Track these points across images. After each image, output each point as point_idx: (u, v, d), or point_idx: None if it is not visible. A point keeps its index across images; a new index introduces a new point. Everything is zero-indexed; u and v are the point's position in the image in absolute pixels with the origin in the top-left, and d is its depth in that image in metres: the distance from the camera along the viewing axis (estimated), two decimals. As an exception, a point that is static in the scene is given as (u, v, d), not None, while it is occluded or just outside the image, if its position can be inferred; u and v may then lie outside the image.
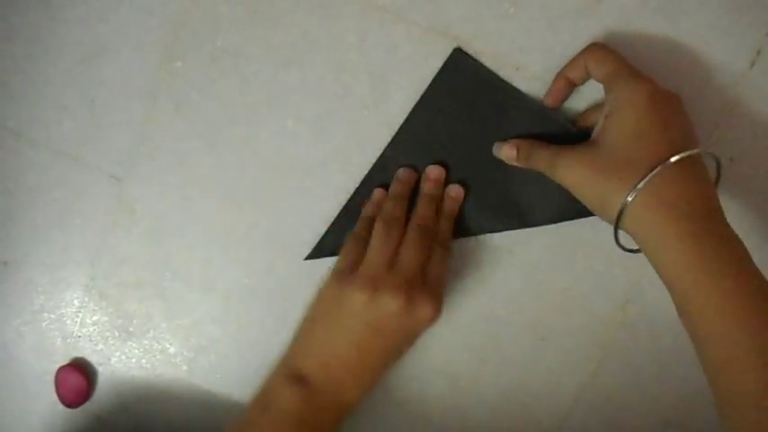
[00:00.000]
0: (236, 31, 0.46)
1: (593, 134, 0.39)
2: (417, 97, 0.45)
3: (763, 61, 0.42)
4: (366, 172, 0.46)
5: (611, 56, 0.39)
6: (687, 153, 0.35)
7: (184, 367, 0.51)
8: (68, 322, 0.51)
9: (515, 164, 0.43)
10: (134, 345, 0.51)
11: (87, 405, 0.51)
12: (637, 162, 0.35)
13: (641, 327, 0.45)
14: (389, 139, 0.46)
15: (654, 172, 0.34)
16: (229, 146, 0.47)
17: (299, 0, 0.45)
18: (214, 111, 0.47)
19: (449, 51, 0.44)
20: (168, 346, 0.50)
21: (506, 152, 0.43)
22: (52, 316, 0.51)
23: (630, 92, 0.37)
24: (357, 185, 0.46)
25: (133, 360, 0.51)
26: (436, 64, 0.45)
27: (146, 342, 0.51)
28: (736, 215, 0.43)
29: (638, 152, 0.35)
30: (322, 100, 0.46)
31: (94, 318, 0.51)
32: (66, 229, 0.50)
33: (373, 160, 0.46)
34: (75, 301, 0.51)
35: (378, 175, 0.46)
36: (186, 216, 0.49)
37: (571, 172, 0.38)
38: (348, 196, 0.46)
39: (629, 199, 0.35)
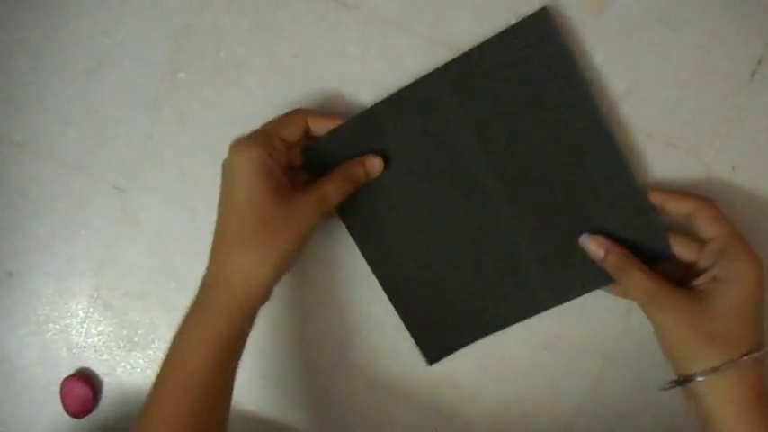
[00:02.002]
0: (239, 43, 0.46)
1: (700, 287, 0.40)
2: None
3: (764, 71, 0.42)
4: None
5: (725, 219, 0.40)
6: None
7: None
8: (73, 333, 0.51)
9: (599, 263, 0.42)
10: (139, 355, 0.51)
11: (93, 415, 0.52)
12: (737, 340, 0.38)
13: (644, 335, 0.45)
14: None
15: (753, 355, 0.37)
16: (233, 157, 0.48)
17: (302, 12, 0.45)
18: (218, 122, 0.47)
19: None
20: (173, 356, 0.51)
21: (592, 249, 0.42)
22: (57, 326, 0.52)
23: (745, 268, 0.39)
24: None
25: (138, 370, 0.51)
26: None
27: (151, 352, 0.51)
28: (738, 224, 0.44)
29: (741, 330, 0.38)
30: (325, 111, 0.46)
31: (99, 328, 0.51)
32: (71, 239, 0.50)
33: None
34: (80, 312, 0.51)
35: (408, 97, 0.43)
36: (190, 226, 0.49)
37: (667, 318, 0.39)
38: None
39: (716, 368, 0.37)
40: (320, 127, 0.43)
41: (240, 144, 0.40)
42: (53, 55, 0.48)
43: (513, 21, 0.43)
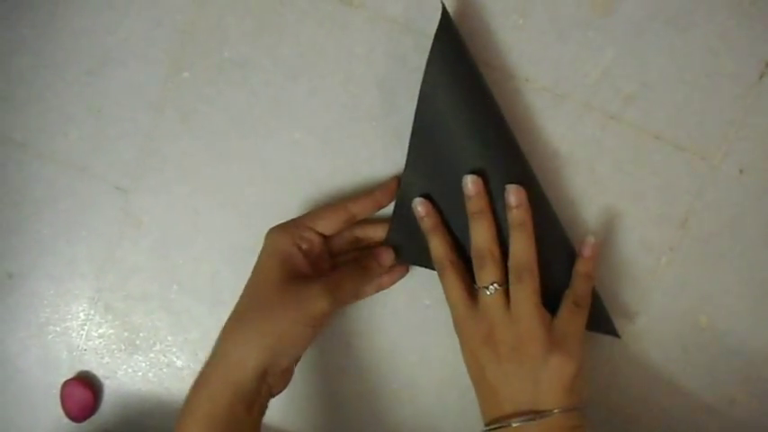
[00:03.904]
0: (243, 43, 0.46)
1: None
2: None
3: (772, 73, 0.42)
4: (372, 184, 0.46)
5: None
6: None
7: (191, 381, 0.50)
8: (74, 335, 0.51)
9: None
10: (140, 358, 0.50)
11: (93, 419, 0.51)
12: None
13: (650, 339, 0.45)
14: (398, 150, 0.45)
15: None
16: (237, 158, 0.47)
17: (307, 11, 0.45)
18: (221, 122, 0.47)
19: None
20: (175, 359, 0.50)
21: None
22: (58, 329, 0.51)
23: None
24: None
25: (140, 374, 0.51)
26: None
27: (152, 355, 0.50)
28: (746, 227, 0.43)
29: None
30: (330, 112, 0.46)
31: (100, 331, 0.51)
32: (73, 240, 0.50)
33: (382, 171, 0.46)
34: (81, 314, 0.51)
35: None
36: (193, 228, 0.48)
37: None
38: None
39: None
40: (362, 210, 0.43)
41: (270, 231, 0.42)
42: (55, 54, 0.48)
43: (521, 21, 0.43)
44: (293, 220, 0.43)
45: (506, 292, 0.40)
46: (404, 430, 0.49)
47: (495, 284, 0.40)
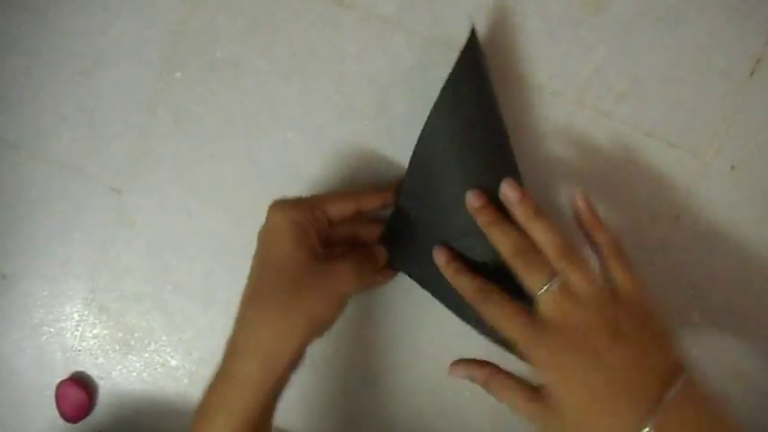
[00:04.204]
0: (236, 42, 0.46)
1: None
2: (419, 108, 0.45)
3: (763, 69, 0.42)
4: (364, 183, 0.46)
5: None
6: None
7: (186, 380, 0.50)
8: (68, 336, 0.51)
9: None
10: (135, 358, 0.50)
11: (88, 419, 0.51)
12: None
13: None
14: (391, 149, 0.45)
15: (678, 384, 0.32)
16: (230, 157, 0.47)
17: (300, 11, 0.45)
18: (214, 122, 0.47)
19: (449, 62, 0.44)
20: (170, 359, 0.50)
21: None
22: (52, 330, 0.51)
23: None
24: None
25: (134, 374, 0.51)
26: (438, 74, 0.44)
27: (147, 355, 0.50)
28: (737, 224, 0.44)
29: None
30: (323, 111, 0.46)
31: (95, 331, 0.51)
32: (66, 241, 0.50)
33: (375, 171, 0.46)
34: (75, 315, 0.51)
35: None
36: (187, 228, 0.48)
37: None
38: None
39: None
40: (371, 205, 0.42)
41: (281, 205, 0.39)
42: (48, 54, 0.48)
43: (513, 19, 0.43)
44: (305, 198, 0.40)
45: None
46: (398, 429, 0.49)
47: (555, 278, 0.35)
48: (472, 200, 0.39)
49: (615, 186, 0.44)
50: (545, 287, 0.35)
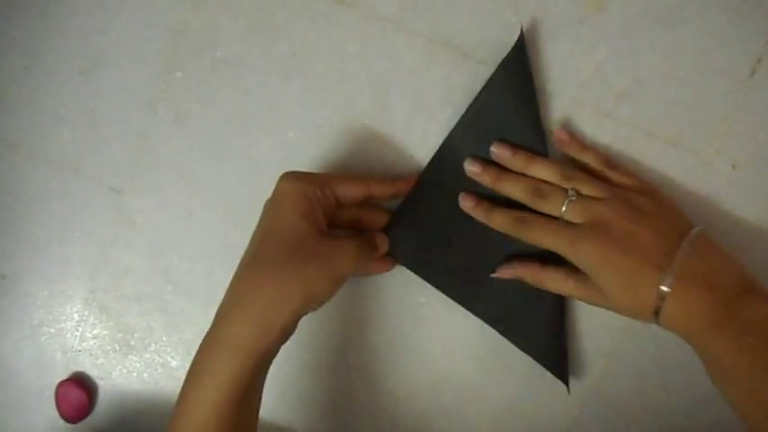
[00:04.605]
0: (236, 42, 0.46)
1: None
2: (420, 108, 0.45)
3: (763, 69, 0.42)
4: (371, 182, 0.46)
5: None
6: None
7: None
8: (68, 336, 0.51)
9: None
10: (135, 359, 0.50)
11: (88, 420, 0.51)
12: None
13: (645, 334, 0.45)
14: (391, 150, 0.45)
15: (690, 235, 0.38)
16: (230, 157, 0.47)
17: (300, 10, 0.45)
18: (215, 122, 0.47)
19: (451, 61, 0.44)
20: (170, 359, 0.50)
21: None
22: (52, 330, 0.51)
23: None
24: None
25: (134, 374, 0.51)
26: (438, 74, 0.44)
27: (147, 356, 0.50)
28: (738, 223, 0.44)
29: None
30: (324, 111, 0.46)
31: (95, 331, 0.50)
32: (66, 241, 0.50)
33: (375, 171, 0.46)
34: (76, 315, 0.50)
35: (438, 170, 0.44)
36: (187, 228, 0.48)
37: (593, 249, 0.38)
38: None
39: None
40: (381, 192, 0.43)
41: (292, 175, 0.39)
42: (47, 54, 0.48)
43: (513, 19, 0.43)
44: (317, 175, 0.41)
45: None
46: (399, 429, 0.49)
47: (570, 193, 0.40)
48: (472, 167, 0.42)
49: (616, 186, 0.44)
50: (564, 205, 0.40)
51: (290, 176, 0.39)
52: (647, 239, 0.37)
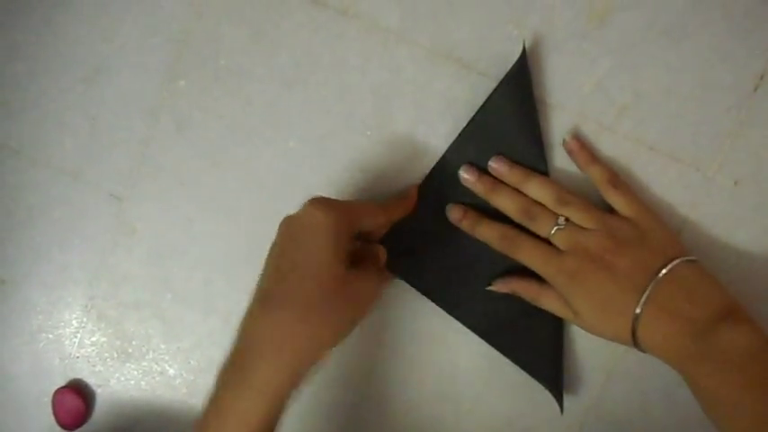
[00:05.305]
0: (239, 51, 0.46)
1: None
2: (420, 119, 0.45)
3: (766, 85, 0.42)
4: (367, 193, 0.46)
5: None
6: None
7: (184, 390, 0.50)
8: (66, 343, 0.51)
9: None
10: (133, 366, 0.50)
11: (85, 428, 0.51)
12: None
13: (646, 350, 0.45)
14: (393, 160, 0.45)
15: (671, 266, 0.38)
16: (231, 166, 0.47)
17: (303, 21, 0.45)
18: (216, 130, 0.47)
19: (452, 73, 0.44)
20: (168, 368, 0.50)
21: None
22: (50, 336, 0.51)
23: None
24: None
25: (132, 382, 0.50)
26: (439, 86, 0.44)
27: (145, 364, 0.50)
28: (740, 239, 0.43)
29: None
30: (325, 121, 0.46)
31: (93, 338, 0.50)
32: (66, 248, 0.50)
33: (376, 182, 0.46)
34: (74, 322, 0.50)
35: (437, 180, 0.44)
36: (187, 236, 0.48)
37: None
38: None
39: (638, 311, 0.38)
40: (398, 216, 0.43)
41: (325, 205, 0.37)
42: (51, 61, 0.48)
43: (515, 32, 0.43)
44: (346, 205, 0.39)
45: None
46: (397, 441, 0.48)
47: (560, 220, 0.40)
48: (467, 174, 0.43)
49: (617, 200, 0.44)
50: (554, 230, 0.40)
51: (321, 205, 0.36)
52: (625, 270, 0.38)
